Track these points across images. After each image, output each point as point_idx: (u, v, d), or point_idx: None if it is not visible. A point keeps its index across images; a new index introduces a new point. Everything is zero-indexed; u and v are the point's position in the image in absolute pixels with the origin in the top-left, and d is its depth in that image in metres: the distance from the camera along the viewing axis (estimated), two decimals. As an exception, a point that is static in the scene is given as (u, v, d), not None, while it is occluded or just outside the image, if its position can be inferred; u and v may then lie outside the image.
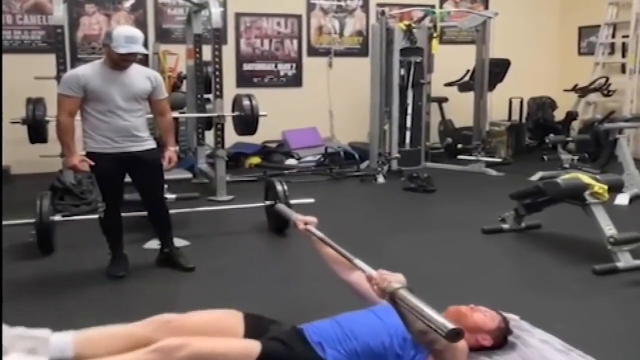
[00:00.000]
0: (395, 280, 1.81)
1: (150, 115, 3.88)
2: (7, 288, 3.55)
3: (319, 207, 4.92)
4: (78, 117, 3.60)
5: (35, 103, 5.43)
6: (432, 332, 1.81)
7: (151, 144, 3.71)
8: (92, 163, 3.53)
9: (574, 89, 8.12)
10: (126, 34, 3.45)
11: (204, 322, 2.15)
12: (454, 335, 1.62)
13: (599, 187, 3.96)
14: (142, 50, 3.53)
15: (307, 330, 2.18)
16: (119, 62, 3.48)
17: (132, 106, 3.56)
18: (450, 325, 1.61)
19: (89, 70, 3.52)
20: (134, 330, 2.13)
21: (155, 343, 1.96)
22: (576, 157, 6.61)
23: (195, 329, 2.09)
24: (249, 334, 2.14)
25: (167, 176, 3.99)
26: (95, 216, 3.95)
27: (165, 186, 4.07)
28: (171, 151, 3.80)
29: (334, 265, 2.46)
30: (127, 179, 3.73)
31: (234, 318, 2.21)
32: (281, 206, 2.85)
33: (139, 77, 3.60)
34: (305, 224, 2.42)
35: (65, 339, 2.09)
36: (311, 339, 2.12)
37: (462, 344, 2.11)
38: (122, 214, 3.81)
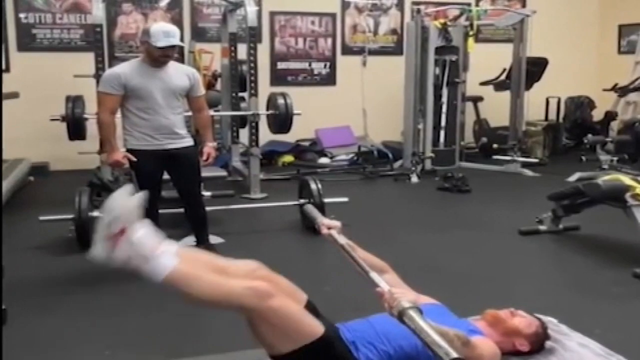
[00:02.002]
0: (406, 299, 1.75)
1: (188, 113, 3.91)
2: (48, 282, 3.64)
3: (352, 206, 4.92)
4: (119, 115, 3.66)
5: (75, 101, 5.54)
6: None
7: (189, 142, 3.75)
8: (134, 159, 3.58)
9: (614, 88, 7.94)
10: (164, 29, 3.51)
11: (284, 286, 2.16)
12: None
13: (641, 189, 3.87)
14: (180, 43, 3.59)
15: (342, 329, 2.17)
16: (159, 58, 3.52)
17: (171, 103, 3.60)
18: (454, 355, 1.56)
19: (128, 69, 3.57)
20: (230, 268, 2.14)
21: (252, 281, 1.98)
22: (615, 158, 6.47)
23: (278, 285, 2.11)
24: None
25: (203, 174, 4.02)
26: (132, 212, 4.00)
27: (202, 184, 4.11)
28: (209, 146, 3.84)
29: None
30: (165, 176, 3.77)
31: (301, 296, 2.22)
32: (309, 207, 2.79)
33: (178, 74, 3.64)
34: (329, 228, 2.33)
35: (171, 252, 2.01)
36: (346, 339, 2.11)
37: (491, 351, 2.07)
38: (159, 211, 3.85)
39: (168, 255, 1.93)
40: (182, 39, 4.94)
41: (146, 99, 3.54)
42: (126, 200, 1.92)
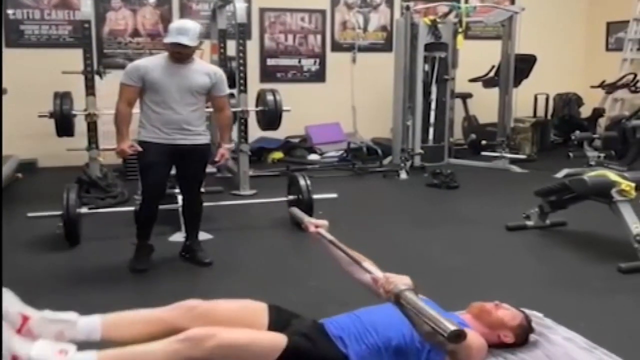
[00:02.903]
0: (401, 282, 1.79)
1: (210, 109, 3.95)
2: (35, 278, 3.64)
3: (341, 203, 4.93)
4: (136, 110, 3.69)
5: (63, 97, 5.51)
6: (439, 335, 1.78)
7: (203, 139, 3.75)
8: (140, 149, 3.62)
9: (601, 85, 8.00)
10: (177, 26, 3.57)
11: (229, 311, 2.14)
12: (456, 336, 1.59)
13: (626, 185, 3.91)
14: (186, 42, 3.48)
15: (328, 324, 2.17)
16: (173, 54, 3.57)
17: (186, 99, 3.62)
18: (452, 327, 1.59)
19: (151, 62, 3.63)
20: (161, 315, 2.12)
21: (183, 332, 1.94)
22: (603, 155, 6.52)
23: (220, 317, 2.07)
24: (273, 326, 2.13)
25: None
26: (120, 209, 4.01)
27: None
28: (225, 148, 3.89)
29: (348, 267, 2.36)
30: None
31: (258, 308, 2.20)
32: (294, 209, 2.82)
33: (199, 72, 3.66)
34: (317, 227, 2.35)
35: (93, 322, 2.08)
36: (332, 334, 2.11)
37: (479, 343, 2.10)
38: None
39: (81, 353, 1.88)
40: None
41: (161, 92, 3.57)
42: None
